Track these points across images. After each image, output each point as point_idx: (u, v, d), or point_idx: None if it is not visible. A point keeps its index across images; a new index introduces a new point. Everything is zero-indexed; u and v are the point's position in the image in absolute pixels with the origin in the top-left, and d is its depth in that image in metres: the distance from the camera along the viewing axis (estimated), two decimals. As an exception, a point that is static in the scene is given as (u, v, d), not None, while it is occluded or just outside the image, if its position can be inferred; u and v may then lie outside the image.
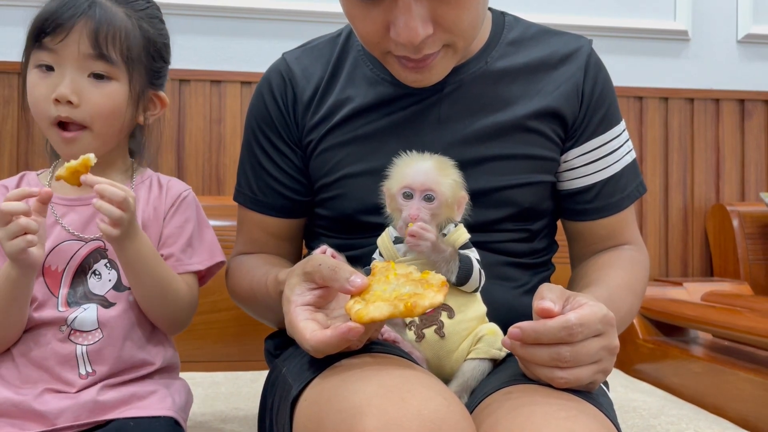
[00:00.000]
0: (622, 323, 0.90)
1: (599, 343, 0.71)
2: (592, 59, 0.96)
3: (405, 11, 0.78)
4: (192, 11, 1.78)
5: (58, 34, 0.88)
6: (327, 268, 0.72)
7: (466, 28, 0.82)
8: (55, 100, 0.89)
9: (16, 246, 0.80)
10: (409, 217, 0.78)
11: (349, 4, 0.82)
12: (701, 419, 1.21)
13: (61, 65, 0.90)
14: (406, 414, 0.61)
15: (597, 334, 0.70)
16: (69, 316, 0.90)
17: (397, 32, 0.79)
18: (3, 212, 0.80)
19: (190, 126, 1.76)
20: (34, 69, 0.91)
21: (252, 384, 1.40)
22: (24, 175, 0.97)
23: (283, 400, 0.79)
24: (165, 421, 0.89)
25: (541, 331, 0.69)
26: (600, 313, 0.70)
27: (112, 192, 0.83)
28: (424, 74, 0.86)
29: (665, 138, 1.99)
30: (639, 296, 0.95)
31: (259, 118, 1.00)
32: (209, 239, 1.02)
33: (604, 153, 0.96)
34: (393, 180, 0.82)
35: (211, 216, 1.56)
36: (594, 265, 0.97)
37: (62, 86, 0.89)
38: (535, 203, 0.94)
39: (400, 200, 0.80)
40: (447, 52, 0.84)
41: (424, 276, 0.71)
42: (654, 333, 1.70)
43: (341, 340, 0.67)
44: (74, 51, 0.89)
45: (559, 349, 0.69)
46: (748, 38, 2.03)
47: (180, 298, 0.95)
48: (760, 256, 1.90)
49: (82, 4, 0.89)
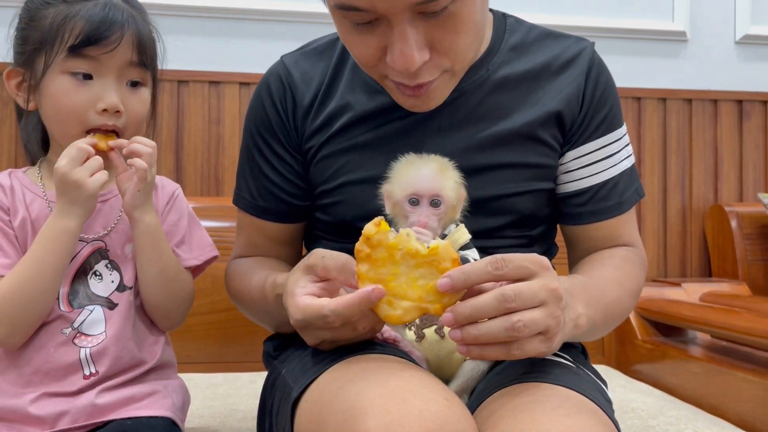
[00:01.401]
0: (609, 310, 0.87)
1: (538, 282, 0.68)
2: (595, 62, 0.95)
3: (401, 38, 0.76)
4: (190, 12, 1.78)
5: (107, 44, 0.89)
6: (331, 259, 0.73)
7: (463, 52, 0.81)
8: (104, 111, 0.90)
9: (99, 180, 0.86)
10: (418, 224, 0.79)
11: (344, 29, 0.81)
12: (700, 419, 1.21)
13: (102, 74, 0.90)
14: (408, 415, 0.61)
15: (530, 274, 0.68)
16: (75, 318, 0.90)
17: (393, 59, 0.78)
18: (82, 149, 0.85)
19: (188, 127, 1.76)
20: (65, 75, 0.90)
21: (251, 385, 1.40)
22: (11, 172, 0.97)
23: (284, 402, 0.79)
24: (162, 422, 0.89)
25: (469, 270, 0.67)
26: (528, 256, 0.69)
27: (143, 140, 0.90)
28: (422, 100, 0.84)
29: (663, 139, 1.99)
30: (631, 292, 0.93)
31: (258, 123, 0.99)
32: (201, 235, 1.03)
33: (601, 156, 0.95)
34: (397, 185, 0.81)
35: (209, 217, 1.57)
36: (585, 261, 0.96)
37: (110, 96, 0.90)
38: (534, 210, 0.94)
39: (406, 207, 0.80)
40: (445, 76, 0.83)
41: (432, 253, 0.68)
42: (652, 333, 1.70)
43: (363, 300, 0.67)
44: (120, 60, 0.90)
45: (510, 320, 0.66)
46: (746, 39, 2.03)
47: (183, 287, 0.97)
48: (758, 257, 1.90)
49: (121, 16, 0.90)
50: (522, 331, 0.66)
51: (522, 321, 0.66)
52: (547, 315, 0.68)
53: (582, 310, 0.78)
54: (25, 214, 0.91)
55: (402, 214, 0.81)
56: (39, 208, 0.92)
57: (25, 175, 0.97)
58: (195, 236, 1.02)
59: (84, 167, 0.85)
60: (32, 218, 0.91)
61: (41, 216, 0.91)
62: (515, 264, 0.67)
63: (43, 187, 0.94)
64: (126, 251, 0.95)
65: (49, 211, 0.92)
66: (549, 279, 0.69)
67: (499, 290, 0.67)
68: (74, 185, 0.84)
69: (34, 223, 0.91)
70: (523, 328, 0.66)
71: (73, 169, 0.84)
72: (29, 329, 0.88)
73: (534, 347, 0.69)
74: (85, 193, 0.85)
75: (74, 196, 0.85)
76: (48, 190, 0.94)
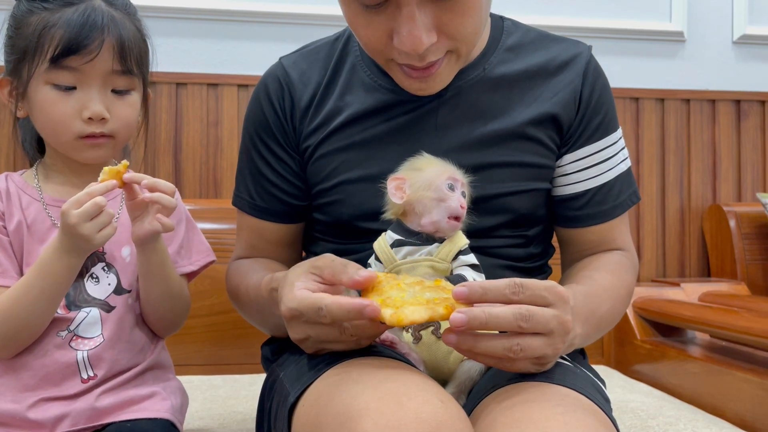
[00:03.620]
0: (602, 323, 0.89)
1: (551, 312, 0.70)
2: (591, 65, 0.96)
3: (408, 19, 0.77)
4: (188, 14, 1.78)
5: (86, 54, 0.87)
6: (339, 263, 0.74)
7: (469, 34, 0.82)
8: (89, 119, 0.89)
9: (107, 235, 0.83)
10: (459, 208, 0.79)
11: (352, 12, 0.82)
12: (699, 419, 1.21)
13: (85, 83, 0.89)
14: (404, 417, 0.61)
15: (546, 304, 0.70)
16: (72, 320, 0.90)
17: (400, 41, 0.78)
18: (99, 205, 0.81)
19: (187, 129, 1.76)
20: (47, 86, 0.89)
21: (250, 387, 1.40)
22: (7, 175, 0.97)
23: (281, 406, 0.79)
24: (161, 424, 0.90)
25: (488, 287, 0.68)
26: (547, 283, 0.71)
27: (163, 184, 0.86)
28: (428, 82, 0.85)
29: (662, 139, 2.00)
30: (623, 300, 0.94)
31: (257, 124, 0.99)
32: (199, 239, 1.03)
33: (598, 160, 0.96)
34: (431, 170, 0.81)
35: (208, 219, 1.58)
36: (580, 266, 0.96)
37: (94, 105, 0.89)
38: (531, 210, 0.94)
39: (445, 190, 0.79)
40: (450, 58, 0.84)
41: (437, 283, 0.71)
42: (651, 333, 1.70)
43: (356, 310, 0.67)
44: (102, 69, 0.89)
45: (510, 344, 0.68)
46: (743, 39, 2.03)
47: (185, 301, 0.97)
48: (756, 257, 1.91)
49: (102, 21, 0.88)
50: (518, 354, 0.69)
51: (521, 346, 0.68)
52: (548, 345, 0.70)
53: (579, 329, 0.79)
54: (20, 217, 0.91)
55: (436, 199, 0.79)
56: (35, 211, 0.92)
57: (21, 177, 0.97)
58: (193, 241, 1.02)
59: (94, 223, 0.81)
60: (28, 222, 0.91)
61: (37, 219, 0.91)
62: (532, 292, 0.69)
63: (39, 189, 0.94)
64: (123, 254, 0.94)
65: (45, 214, 0.92)
66: (563, 311, 0.71)
67: (517, 308, 0.68)
68: (81, 238, 0.82)
69: (30, 227, 0.91)
70: (520, 353, 0.69)
71: (84, 223, 0.81)
72: (20, 347, 0.88)
73: (524, 366, 0.72)
74: (91, 247, 0.84)
75: (79, 244, 0.83)
76: (45, 192, 0.94)
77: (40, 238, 0.91)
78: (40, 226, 0.91)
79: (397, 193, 0.81)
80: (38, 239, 0.91)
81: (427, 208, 0.80)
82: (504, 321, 0.68)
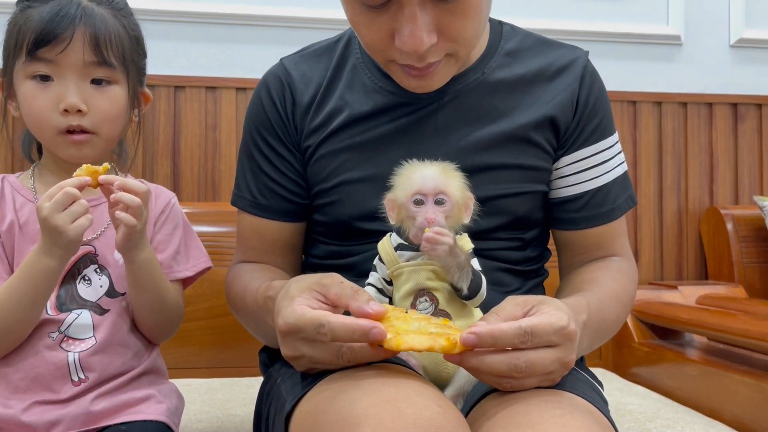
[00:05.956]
0: (607, 333, 0.91)
1: (554, 355, 0.70)
2: (588, 70, 0.97)
3: (410, 20, 0.78)
4: (187, 18, 1.78)
5: (57, 44, 0.88)
6: (349, 287, 0.72)
7: (469, 37, 0.83)
8: (65, 111, 0.89)
9: (81, 226, 0.82)
10: (426, 221, 0.77)
11: (354, 11, 0.82)
12: (696, 422, 1.21)
13: (61, 75, 0.89)
14: (402, 423, 0.61)
15: (551, 345, 0.70)
16: (62, 322, 0.89)
17: (402, 41, 0.79)
18: (70, 194, 0.80)
19: (185, 132, 1.77)
20: (27, 80, 0.90)
21: (248, 390, 1.40)
22: (4, 177, 0.97)
23: (278, 413, 0.79)
24: (156, 426, 0.90)
25: (497, 336, 0.67)
26: (558, 324, 0.70)
27: (134, 184, 0.85)
28: (426, 81, 0.86)
29: (659, 142, 2.00)
30: (626, 307, 0.95)
31: (258, 122, 1.00)
32: (196, 245, 1.03)
33: (594, 163, 0.96)
34: (400, 189, 0.80)
35: (206, 222, 1.58)
36: (584, 273, 0.96)
37: (70, 96, 0.89)
38: (528, 212, 0.95)
39: (411, 208, 0.79)
40: (449, 60, 0.85)
41: (445, 322, 0.71)
42: (649, 336, 1.71)
43: (361, 332, 0.67)
44: (75, 60, 0.89)
45: (516, 361, 0.69)
46: (740, 42, 2.04)
47: (174, 308, 0.96)
48: (754, 259, 1.91)
49: (74, 12, 0.89)
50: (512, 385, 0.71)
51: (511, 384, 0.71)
52: (543, 381, 0.72)
53: (585, 343, 0.81)
54: (13, 217, 0.91)
55: (409, 217, 0.80)
56: (29, 213, 0.92)
57: (17, 179, 0.97)
58: (189, 247, 1.02)
59: (66, 213, 0.81)
60: (21, 222, 0.91)
61: (30, 220, 0.91)
62: (541, 338, 0.69)
63: (34, 191, 0.94)
64: (116, 257, 0.94)
65: (39, 219, 0.93)
66: (566, 352, 0.71)
67: (515, 358, 0.69)
68: (54, 230, 0.81)
69: (23, 227, 0.91)
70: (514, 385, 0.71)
71: (55, 214, 0.80)
72: (6, 349, 0.88)
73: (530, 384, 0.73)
74: (66, 239, 0.82)
75: (55, 239, 0.82)
76: (39, 193, 0.94)
77: (33, 239, 0.91)
78: (32, 226, 0.91)
79: (390, 213, 0.83)
80: (30, 240, 0.91)
81: (406, 225, 0.81)
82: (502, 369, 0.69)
